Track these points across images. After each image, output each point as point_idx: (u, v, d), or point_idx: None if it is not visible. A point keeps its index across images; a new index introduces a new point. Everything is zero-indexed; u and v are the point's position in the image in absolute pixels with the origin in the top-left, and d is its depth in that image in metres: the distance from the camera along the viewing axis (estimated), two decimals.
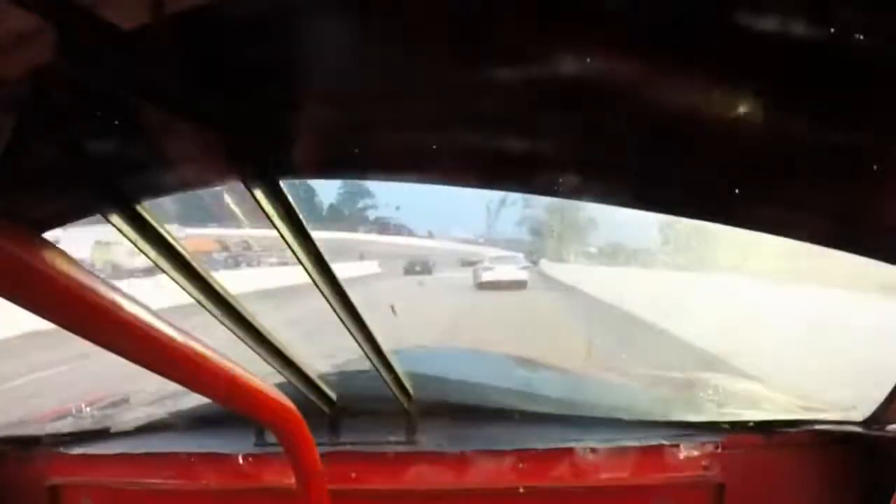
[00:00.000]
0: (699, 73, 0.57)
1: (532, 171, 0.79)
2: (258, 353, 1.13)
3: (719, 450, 1.26)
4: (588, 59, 0.58)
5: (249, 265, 17.75)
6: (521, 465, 1.29)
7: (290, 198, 0.90)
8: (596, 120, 0.67)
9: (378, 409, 1.40)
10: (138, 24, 0.53)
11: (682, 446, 1.27)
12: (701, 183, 0.73)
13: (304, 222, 0.96)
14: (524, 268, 15.83)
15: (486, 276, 14.88)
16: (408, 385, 1.35)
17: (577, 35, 0.56)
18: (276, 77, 0.69)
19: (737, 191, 0.71)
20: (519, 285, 14.49)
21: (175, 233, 0.89)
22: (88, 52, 0.54)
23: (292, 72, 0.69)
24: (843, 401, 1.35)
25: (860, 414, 1.17)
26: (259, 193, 0.86)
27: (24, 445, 1.47)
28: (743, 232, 0.77)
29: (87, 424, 1.55)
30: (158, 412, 1.54)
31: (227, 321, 1.03)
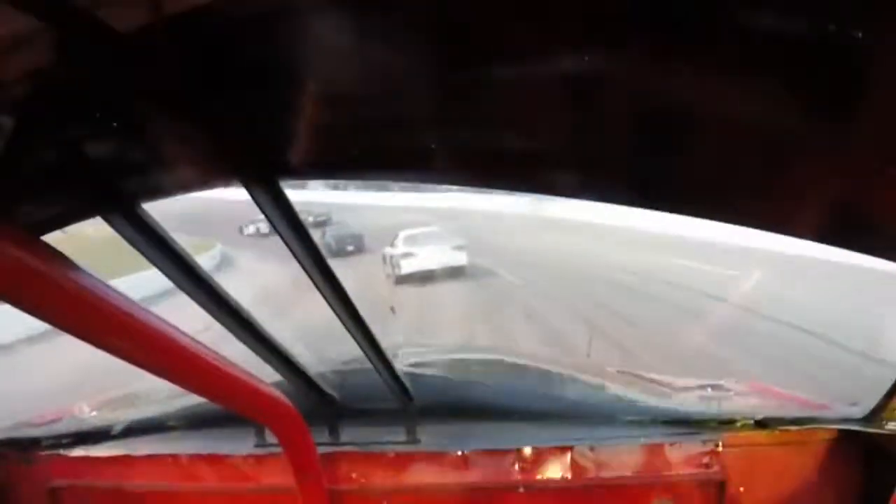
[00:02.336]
0: (699, 71, 0.57)
1: (532, 170, 0.79)
2: (258, 354, 1.13)
3: (719, 448, 1.26)
4: (587, 58, 0.58)
5: None
6: (521, 465, 1.30)
7: (289, 198, 0.90)
8: (597, 118, 0.67)
9: (378, 409, 1.41)
10: (137, 26, 0.53)
11: (682, 444, 1.27)
12: (701, 181, 0.73)
13: (304, 223, 0.96)
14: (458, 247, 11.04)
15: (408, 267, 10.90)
16: (408, 385, 1.35)
17: (576, 33, 0.56)
18: (275, 78, 0.69)
19: (737, 189, 0.71)
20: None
21: None
22: (87, 54, 0.54)
23: (291, 73, 0.69)
24: (843, 398, 1.35)
25: (860, 411, 1.17)
26: (259, 194, 0.86)
27: (25, 448, 1.47)
28: None
29: (87, 426, 1.55)
30: (159, 414, 1.54)
31: (227, 322, 1.03)
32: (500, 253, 11.95)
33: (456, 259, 10.90)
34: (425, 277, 10.24)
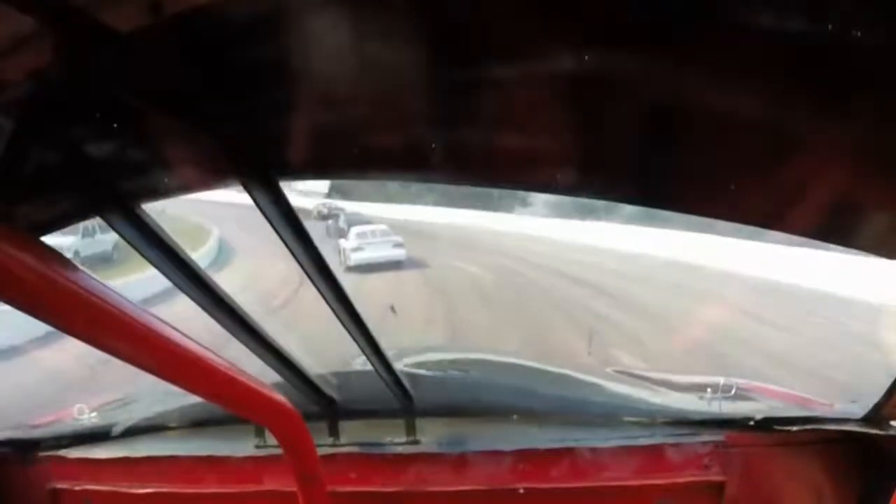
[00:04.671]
0: (699, 70, 0.57)
1: (532, 169, 0.79)
2: (258, 355, 1.13)
3: (719, 448, 1.26)
4: (586, 56, 0.58)
5: None
6: (521, 466, 1.29)
7: (288, 199, 0.90)
8: (596, 117, 0.67)
9: (378, 410, 1.40)
10: (137, 27, 0.53)
11: (682, 445, 1.27)
12: (698, 178, 0.74)
13: (303, 223, 0.96)
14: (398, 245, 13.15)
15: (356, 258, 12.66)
16: (407, 385, 1.35)
17: (576, 32, 0.56)
18: (274, 78, 0.69)
19: (734, 186, 0.72)
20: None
21: None
22: (87, 55, 0.54)
23: (290, 73, 0.69)
24: (843, 397, 1.35)
25: (860, 411, 1.17)
26: (258, 195, 0.86)
27: (25, 449, 1.47)
28: None
29: (87, 428, 1.55)
30: (159, 415, 1.54)
31: (227, 323, 1.03)
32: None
33: (396, 255, 12.89)
34: (371, 268, 12.01)
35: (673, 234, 11.92)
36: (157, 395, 1.69)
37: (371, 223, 14.07)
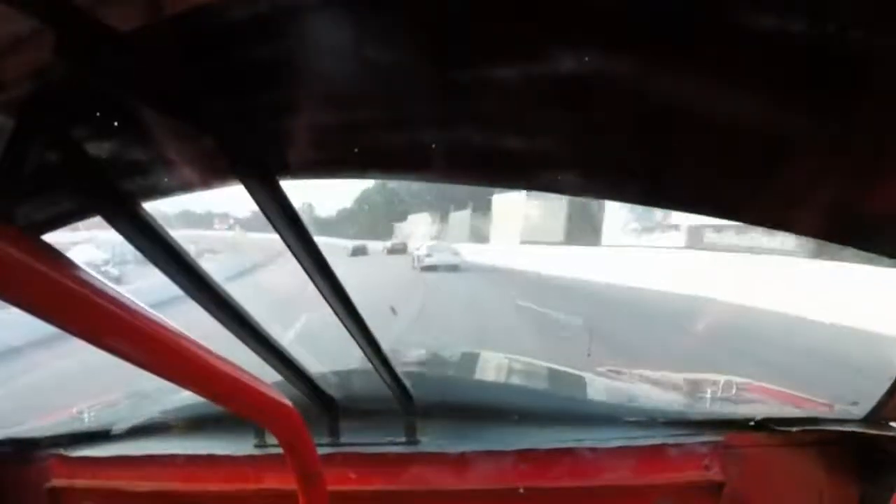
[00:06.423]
0: (699, 70, 0.57)
1: (534, 169, 0.79)
2: (258, 354, 1.13)
3: (719, 448, 1.26)
4: (587, 57, 0.58)
5: None
6: (521, 466, 1.29)
7: (289, 198, 0.90)
8: (597, 117, 0.67)
9: (378, 410, 1.40)
10: (137, 26, 0.53)
11: (682, 445, 1.27)
12: (702, 179, 0.74)
13: (304, 223, 0.96)
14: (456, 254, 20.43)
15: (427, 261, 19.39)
16: (408, 385, 1.35)
17: (577, 33, 0.56)
18: (275, 77, 0.69)
19: (738, 186, 0.72)
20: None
21: None
22: (87, 54, 0.54)
23: (291, 72, 0.69)
24: (843, 398, 1.35)
25: (860, 411, 1.17)
26: (258, 195, 0.86)
27: (24, 447, 1.47)
28: None
29: (86, 426, 1.55)
30: (158, 414, 1.54)
31: (227, 322, 1.03)
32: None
33: (454, 260, 19.72)
34: (435, 268, 18.45)
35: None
36: (157, 395, 1.69)
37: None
